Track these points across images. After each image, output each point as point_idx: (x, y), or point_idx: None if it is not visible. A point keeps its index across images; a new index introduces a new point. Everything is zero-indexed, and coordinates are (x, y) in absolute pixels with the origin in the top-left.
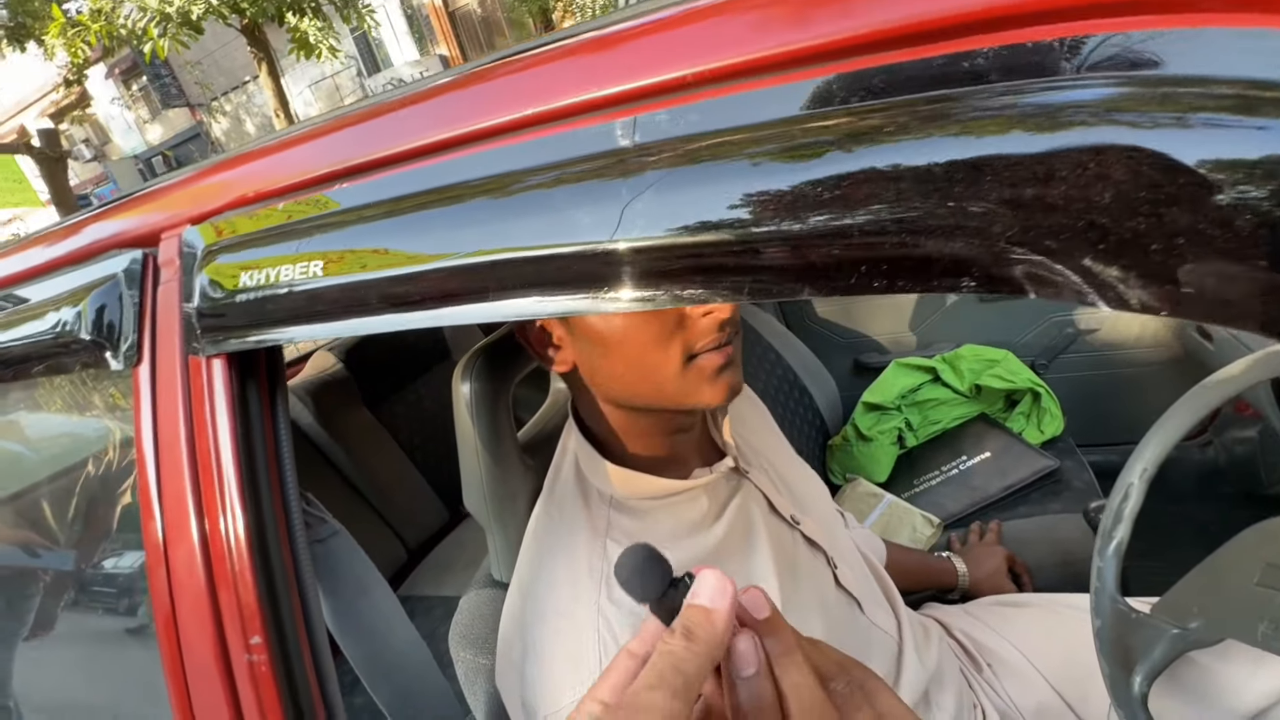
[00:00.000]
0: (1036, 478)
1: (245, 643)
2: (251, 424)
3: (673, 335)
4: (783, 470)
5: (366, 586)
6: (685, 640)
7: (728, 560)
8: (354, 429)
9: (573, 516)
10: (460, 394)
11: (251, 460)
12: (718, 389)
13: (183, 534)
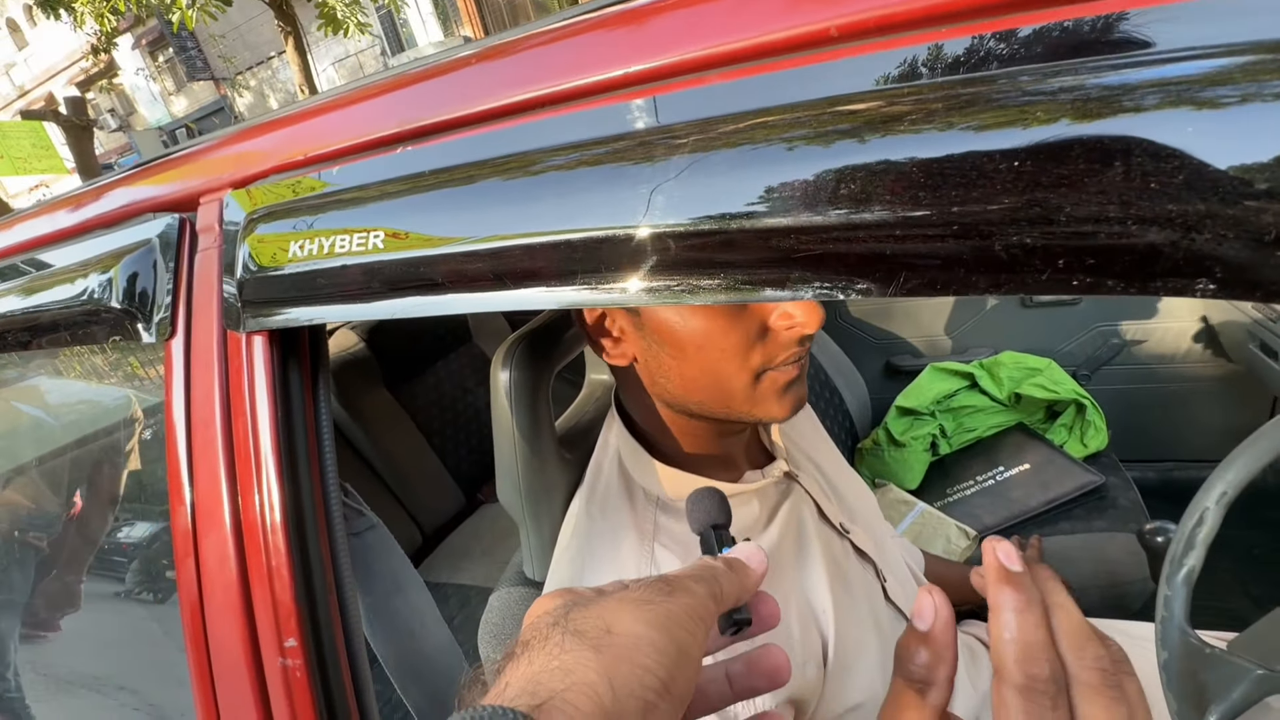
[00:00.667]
0: (1080, 493)
1: (280, 645)
2: (292, 407)
3: (753, 346)
4: (831, 477)
5: (402, 584)
6: (727, 566)
7: (781, 567)
8: (374, 409)
9: (617, 517)
10: (499, 382)
11: (291, 446)
12: (785, 404)
13: (214, 522)
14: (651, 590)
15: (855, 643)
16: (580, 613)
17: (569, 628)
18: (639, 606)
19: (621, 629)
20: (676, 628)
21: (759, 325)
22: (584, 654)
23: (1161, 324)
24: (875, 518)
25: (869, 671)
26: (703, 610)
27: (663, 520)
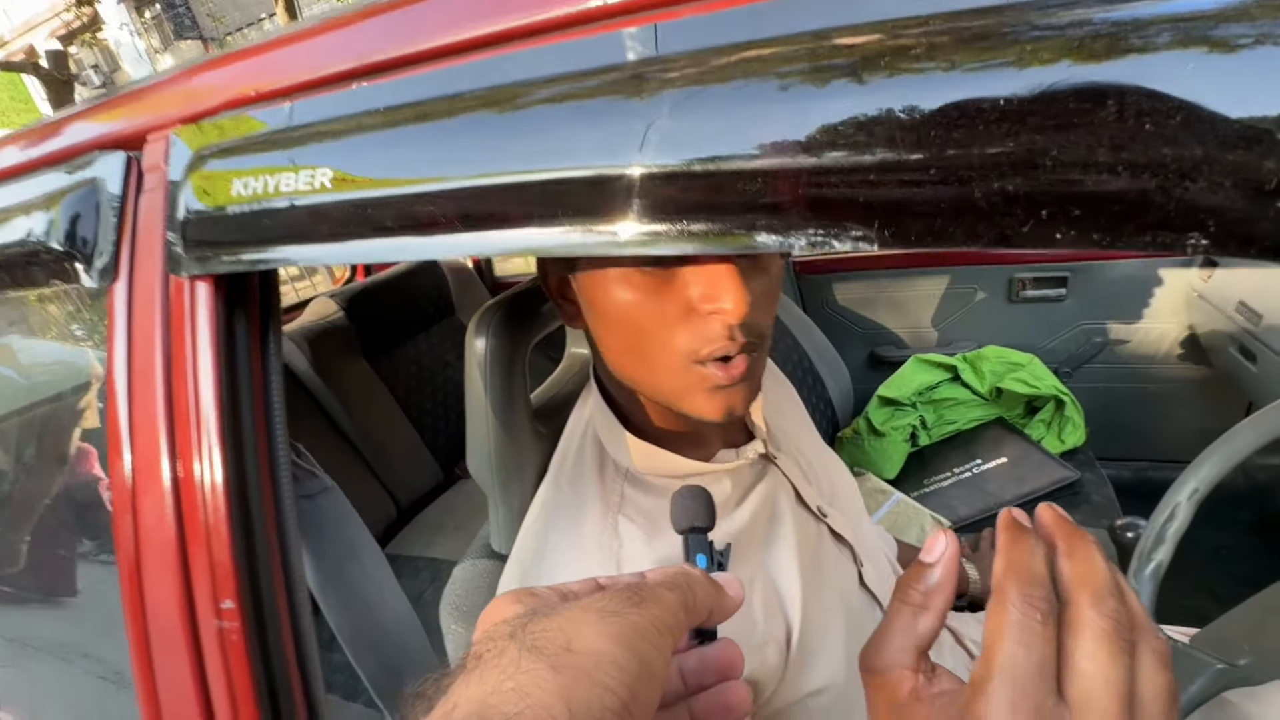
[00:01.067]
0: (1055, 488)
1: (216, 606)
2: (238, 359)
3: (675, 327)
4: (812, 460)
5: (357, 549)
6: (704, 578)
7: (748, 548)
8: (351, 380)
9: (584, 488)
10: (474, 350)
11: (235, 400)
12: (714, 404)
13: (153, 478)
14: (618, 600)
15: (822, 628)
16: (540, 624)
17: (526, 642)
18: (602, 619)
19: (582, 645)
20: (641, 642)
21: (682, 304)
22: (541, 674)
23: (1145, 325)
24: (855, 503)
25: (834, 657)
26: (672, 622)
27: (630, 492)
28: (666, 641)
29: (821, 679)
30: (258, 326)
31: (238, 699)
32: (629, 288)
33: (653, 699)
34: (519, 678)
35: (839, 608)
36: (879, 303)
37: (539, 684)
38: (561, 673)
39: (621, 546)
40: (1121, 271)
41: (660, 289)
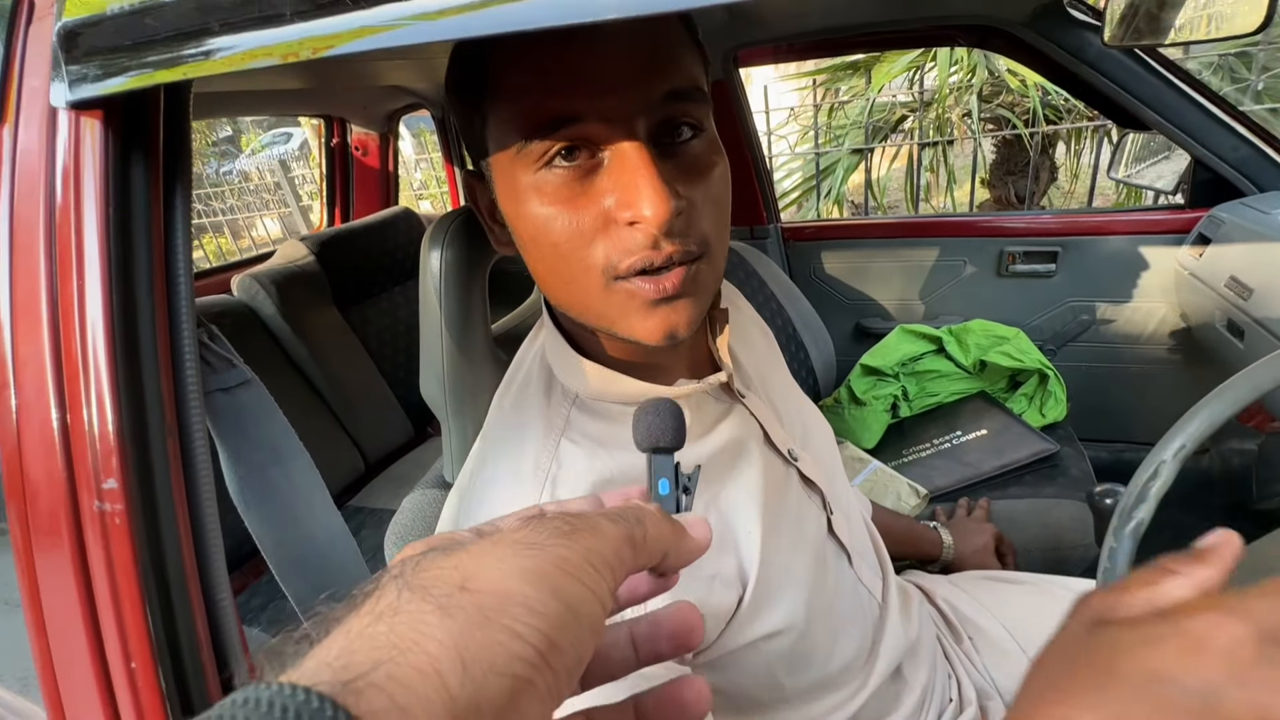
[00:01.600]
0: (1033, 459)
1: (96, 486)
2: (132, 209)
3: (592, 240)
4: (786, 402)
5: (283, 455)
6: (659, 515)
7: (705, 480)
8: (321, 328)
9: (528, 411)
10: (428, 262)
11: (127, 258)
12: (649, 325)
13: (33, 343)
14: (543, 530)
15: (782, 570)
16: (433, 561)
17: (412, 582)
18: (515, 552)
19: (483, 583)
20: (565, 579)
21: (598, 216)
22: (425, 616)
23: (1132, 303)
24: (829, 451)
25: (794, 601)
26: (612, 557)
27: (577, 418)
28: (602, 580)
29: (779, 621)
30: (158, 172)
31: (120, 591)
32: (541, 199)
33: (582, 648)
34: (395, 621)
35: (804, 552)
36: (867, 273)
37: (421, 628)
38: (452, 615)
39: (560, 468)
40: (1112, 248)
41: (575, 200)
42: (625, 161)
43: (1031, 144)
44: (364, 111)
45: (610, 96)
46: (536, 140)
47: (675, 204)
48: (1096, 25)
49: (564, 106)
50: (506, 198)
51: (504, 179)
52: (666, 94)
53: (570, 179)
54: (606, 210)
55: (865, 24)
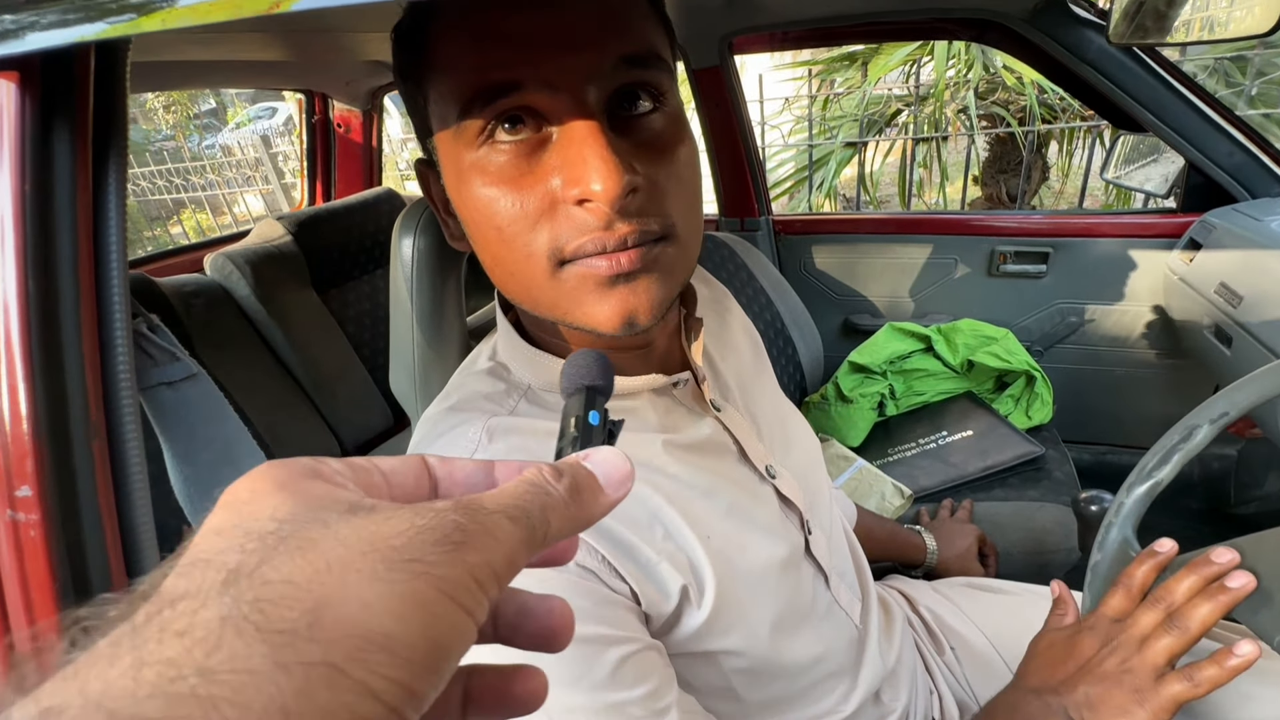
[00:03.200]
0: (1018, 462)
1: (9, 493)
2: (54, 185)
3: (536, 224)
4: (769, 414)
5: (235, 455)
6: (569, 495)
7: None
8: (297, 310)
9: (472, 400)
10: (400, 250)
11: (46, 239)
12: (606, 307)
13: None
14: (429, 537)
15: (745, 591)
16: (278, 567)
17: (244, 598)
18: (389, 569)
19: (339, 621)
20: (443, 605)
21: (544, 198)
22: (252, 664)
23: (1120, 306)
24: (812, 466)
25: (756, 625)
26: (503, 567)
27: (525, 407)
28: (485, 598)
29: (737, 642)
30: (87, 148)
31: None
32: (483, 179)
33: (439, 689)
34: (212, 666)
35: (771, 574)
36: (858, 269)
37: (242, 686)
38: (289, 671)
39: (490, 443)
40: (1102, 250)
41: (519, 180)
42: (573, 133)
43: (1025, 142)
44: (346, 87)
45: (553, 61)
46: (475, 112)
47: (629, 179)
48: (1098, 23)
49: (502, 74)
50: (452, 182)
51: (448, 161)
52: (620, 59)
53: (515, 156)
54: (553, 191)
55: (865, 14)
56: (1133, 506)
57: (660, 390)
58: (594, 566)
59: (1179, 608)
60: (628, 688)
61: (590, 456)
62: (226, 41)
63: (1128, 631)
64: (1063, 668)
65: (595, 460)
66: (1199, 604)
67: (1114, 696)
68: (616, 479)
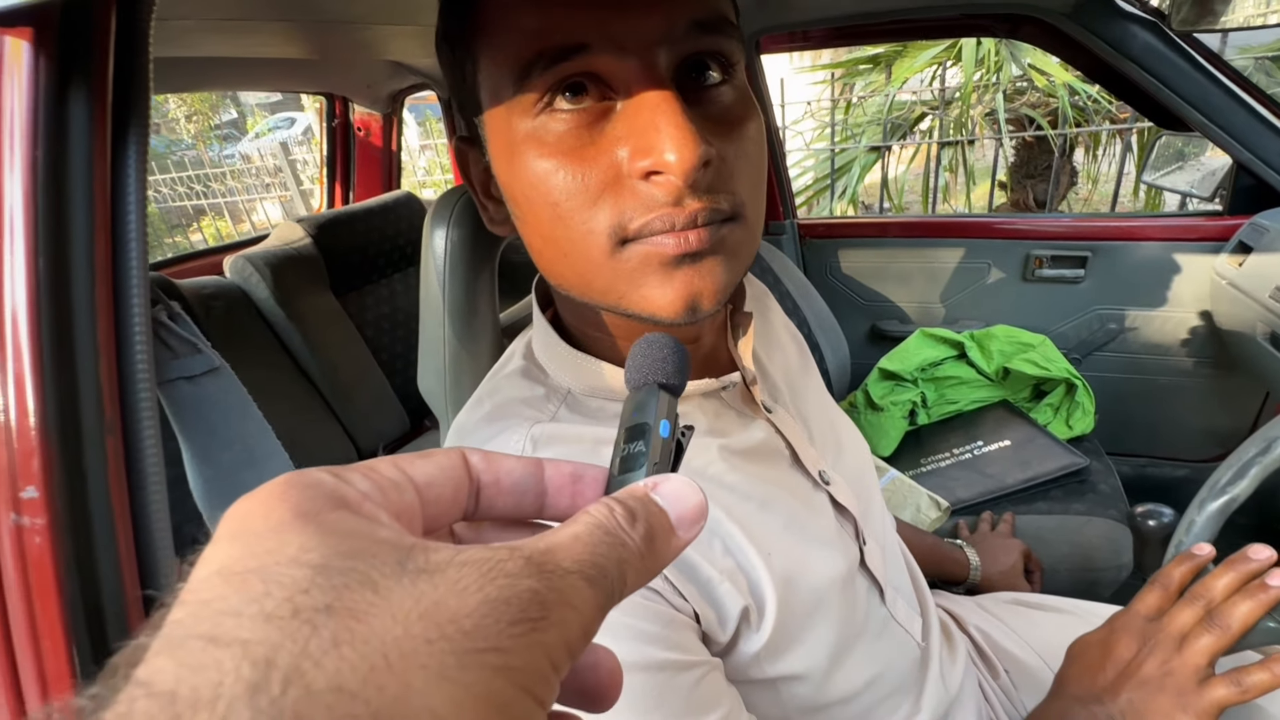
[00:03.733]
0: (1061, 474)
1: (13, 495)
2: (69, 155)
3: (599, 199)
4: (819, 419)
5: (257, 456)
6: (644, 545)
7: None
8: (316, 313)
9: (505, 406)
10: (432, 242)
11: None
12: (669, 290)
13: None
14: (501, 614)
15: (807, 606)
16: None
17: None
18: (458, 663)
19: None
20: (522, 710)
21: (607, 171)
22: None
23: (1164, 312)
24: (864, 471)
25: (818, 644)
26: (577, 642)
27: (565, 414)
28: (558, 680)
29: (799, 664)
30: (105, 117)
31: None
32: (540, 151)
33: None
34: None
35: (832, 592)
36: (885, 274)
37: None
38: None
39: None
40: (1144, 254)
41: (580, 151)
42: (643, 100)
43: (1056, 145)
44: (366, 90)
45: (622, 22)
46: (535, 77)
47: (705, 149)
48: (1144, 17)
49: (568, 33)
50: (501, 156)
51: (498, 134)
52: (693, 22)
53: (576, 125)
54: (618, 163)
55: (897, 9)
56: (1205, 524)
57: (709, 393)
58: (659, 586)
59: (1218, 606)
60: (702, 714)
61: (660, 488)
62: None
63: (1165, 630)
64: (1102, 673)
65: (666, 493)
66: (1238, 602)
67: (1158, 702)
68: (690, 517)
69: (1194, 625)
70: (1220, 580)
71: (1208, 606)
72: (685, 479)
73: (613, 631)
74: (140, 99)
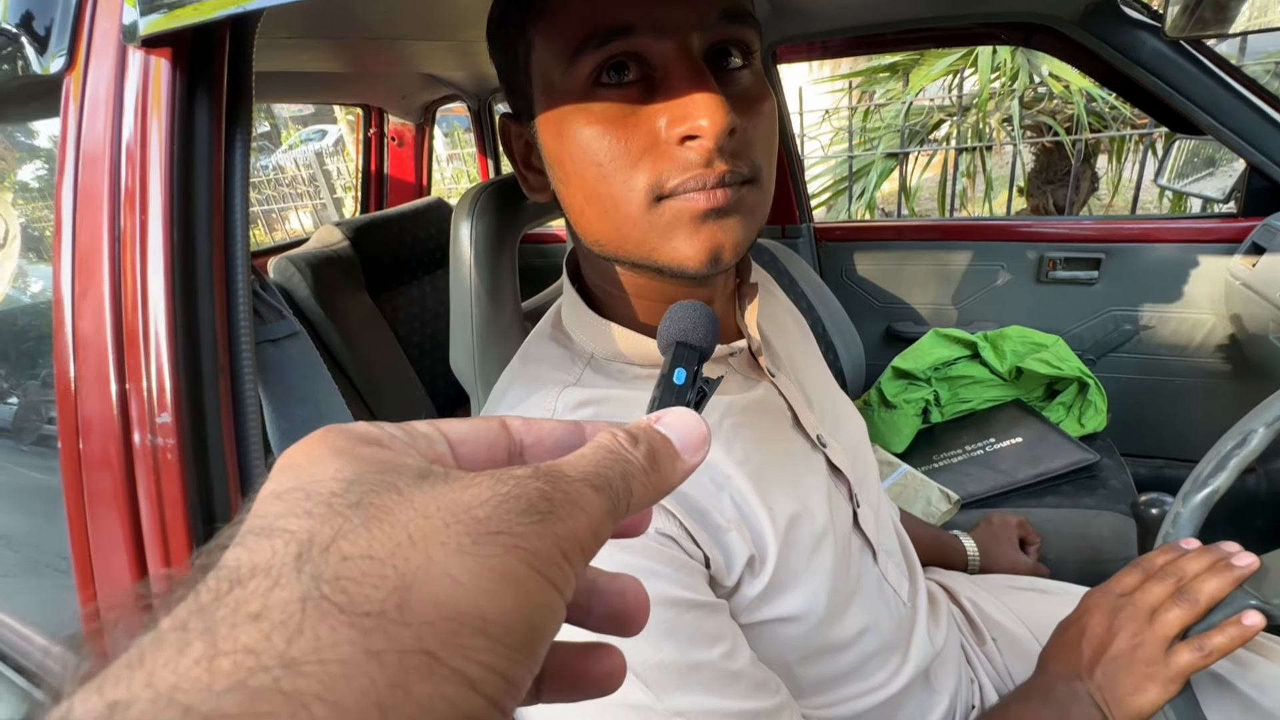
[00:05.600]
0: (1071, 469)
1: (150, 421)
2: (195, 147)
3: (639, 161)
4: (817, 388)
5: (324, 412)
6: (647, 462)
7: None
8: (352, 312)
9: (538, 369)
10: (459, 233)
11: (189, 196)
12: (696, 243)
13: (93, 280)
14: (514, 506)
15: (804, 555)
16: (355, 542)
17: (323, 575)
18: (475, 542)
19: (430, 601)
20: (533, 582)
21: (647, 137)
22: (340, 652)
23: (1178, 313)
24: (860, 443)
25: (815, 588)
26: (588, 539)
27: (590, 376)
28: (572, 572)
29: (795, 606)
30: (221, 117)
31: (168, 525)
32: (587, 120)
33: (536, 669)
34: (288, 647)
35: (827, 539)
36: (900, 276)
37: (331, 679)
38: (382, 661)
39: (570, 414)
40: (1158, 256)
41: (623, 120)
42: (681, 76)
43: (1074, 151)
44: (401, 101)
45: (664, 8)
46: (587, 54)
47: (732, 117)
48: (1151, 24)
49: (615, 16)
50: (549, 126)
51: (548, 106)
52: (722, 11)
53: (619, 98)
54: (657, 131)
55: (911, 20)
56: (1189, 516)
57: (717, 359)
58: (673, 533)
59: (1188, 582)
60: (707, 647)
61: (663, 419)
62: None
63: (1135, 604)
64: (1077, 651)
65: (669, 423)
66: (1207, 578)
67: (1129, 677)
68: (693, 443)
69: (1164, 600)
70: (1192, 561)
71: (1178, 584)
72: (686, 411)
73: (630, 570)
74: (244, 103)
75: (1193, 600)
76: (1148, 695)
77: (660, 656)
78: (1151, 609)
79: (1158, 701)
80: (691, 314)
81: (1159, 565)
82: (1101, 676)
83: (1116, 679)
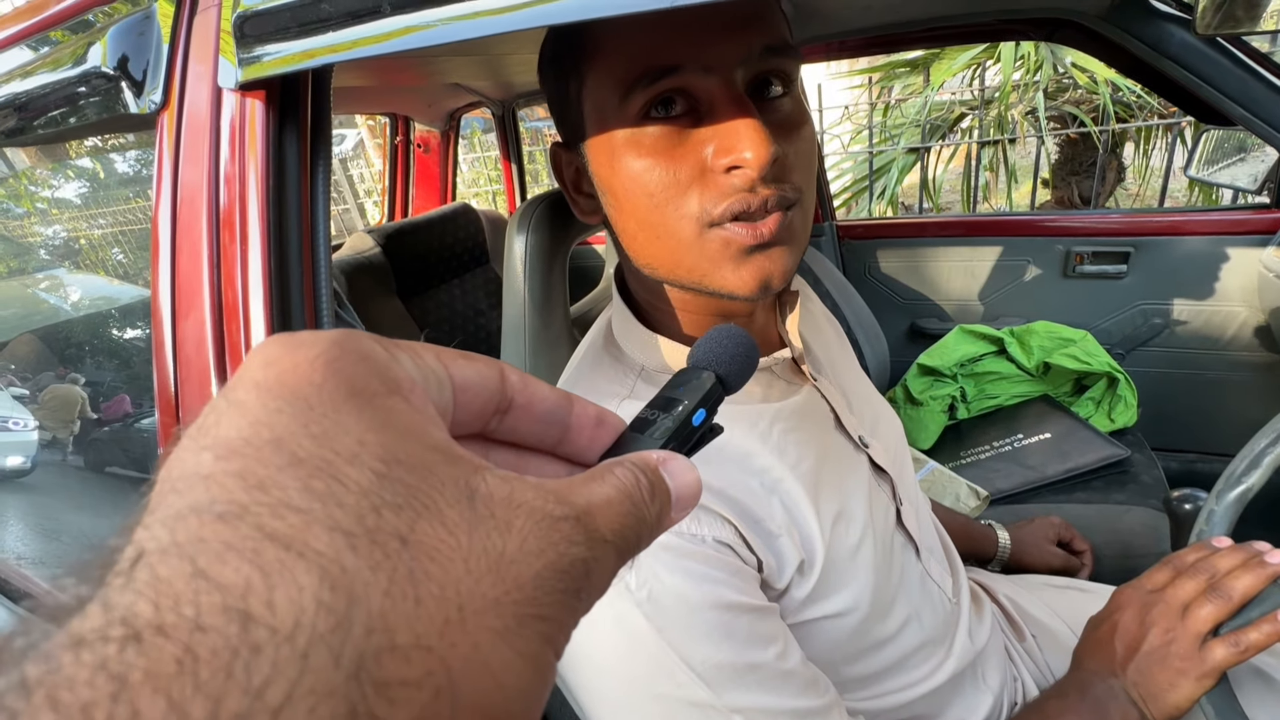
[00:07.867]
0: (1101, 465)
1: None
2: (286, 178)
3: (688, 190)
4: (857, 391)
5: None
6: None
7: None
8: (384, 316)
9: (594, 381)
10: (514, 247)
11: (282, 222)
12: (743, 275)
13: (194, 303)
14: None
15: (849, 555)
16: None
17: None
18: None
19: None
20: (553, 665)
21: (695, 166)
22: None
23: (1210, 306)
24: (898, 442)
25: (860, 583)
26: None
27: (642, 389)
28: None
29: (844, 602)
30: (306, 150)
31: None
32: (638, 152)
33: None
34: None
35: (867, 539)
36: (924, 273)
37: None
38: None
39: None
40: (1188, 248)
41: (671, 151)
42: (726, 109)
43: (1100, 141)
44: (427, 110)
45: (711, 48)
46: (638, 91)
47: (776, 148)
48: (1180, 16)
49: (665, 57)
50: (600, 159)
51: (601, 139)
52: (764, 47)
53: (668, 131)
54: (704, 160)
55: (932, 19)
56: (1223, 514)
57: (761, 368)
58: (730, 540)
59: (1220, 579)
60: (762, 648)
61: (668, 465)
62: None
63: (1167, 600)
64: (1110, 647)
65: (673, 471)
66: (1240, 575)
67: (1163, 672)
68: (686, 499)
69: (1196, 596)
70: (1223, 559)
71: (1210, 580)
72: (689, 464)
73: (692, 576)
74: (324, 134)
75: (1226, 596)
76: (1182, 690)
77: (720, 657)
78: (1184, 605)
79: (1193, 696)
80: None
81: (1190, 563)
82: (1135, 673)
83: (1150, 675)
